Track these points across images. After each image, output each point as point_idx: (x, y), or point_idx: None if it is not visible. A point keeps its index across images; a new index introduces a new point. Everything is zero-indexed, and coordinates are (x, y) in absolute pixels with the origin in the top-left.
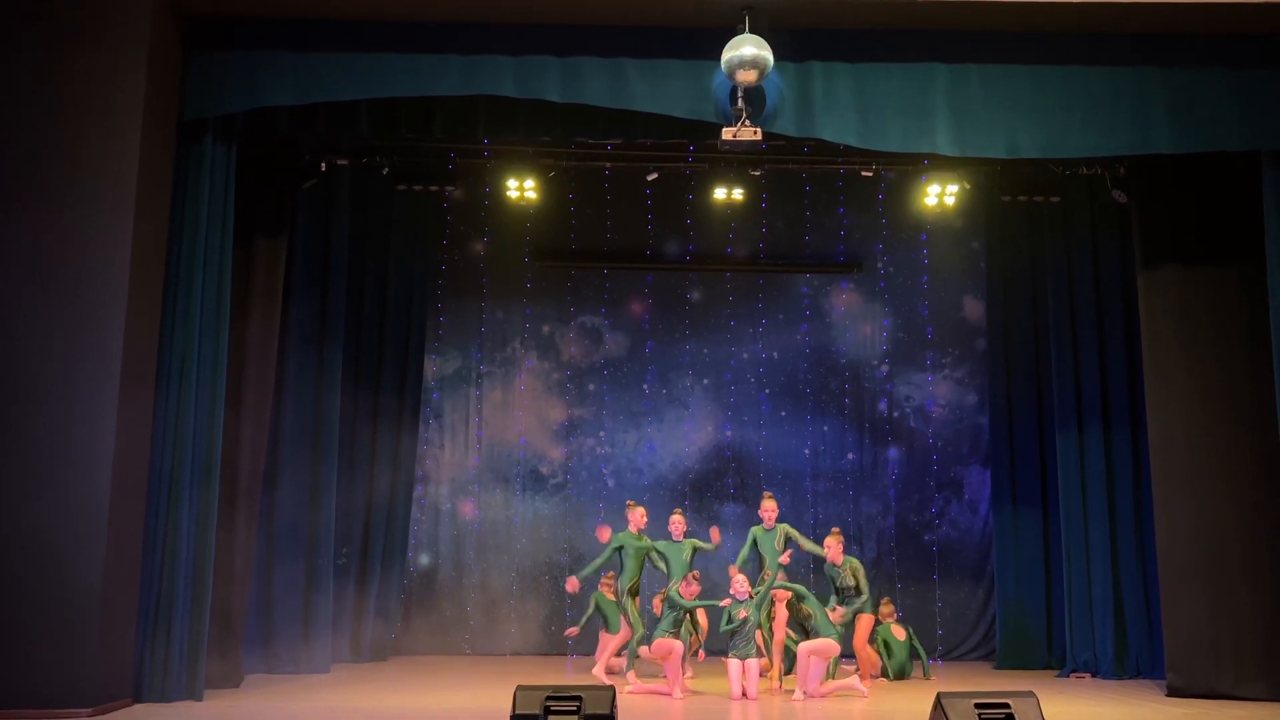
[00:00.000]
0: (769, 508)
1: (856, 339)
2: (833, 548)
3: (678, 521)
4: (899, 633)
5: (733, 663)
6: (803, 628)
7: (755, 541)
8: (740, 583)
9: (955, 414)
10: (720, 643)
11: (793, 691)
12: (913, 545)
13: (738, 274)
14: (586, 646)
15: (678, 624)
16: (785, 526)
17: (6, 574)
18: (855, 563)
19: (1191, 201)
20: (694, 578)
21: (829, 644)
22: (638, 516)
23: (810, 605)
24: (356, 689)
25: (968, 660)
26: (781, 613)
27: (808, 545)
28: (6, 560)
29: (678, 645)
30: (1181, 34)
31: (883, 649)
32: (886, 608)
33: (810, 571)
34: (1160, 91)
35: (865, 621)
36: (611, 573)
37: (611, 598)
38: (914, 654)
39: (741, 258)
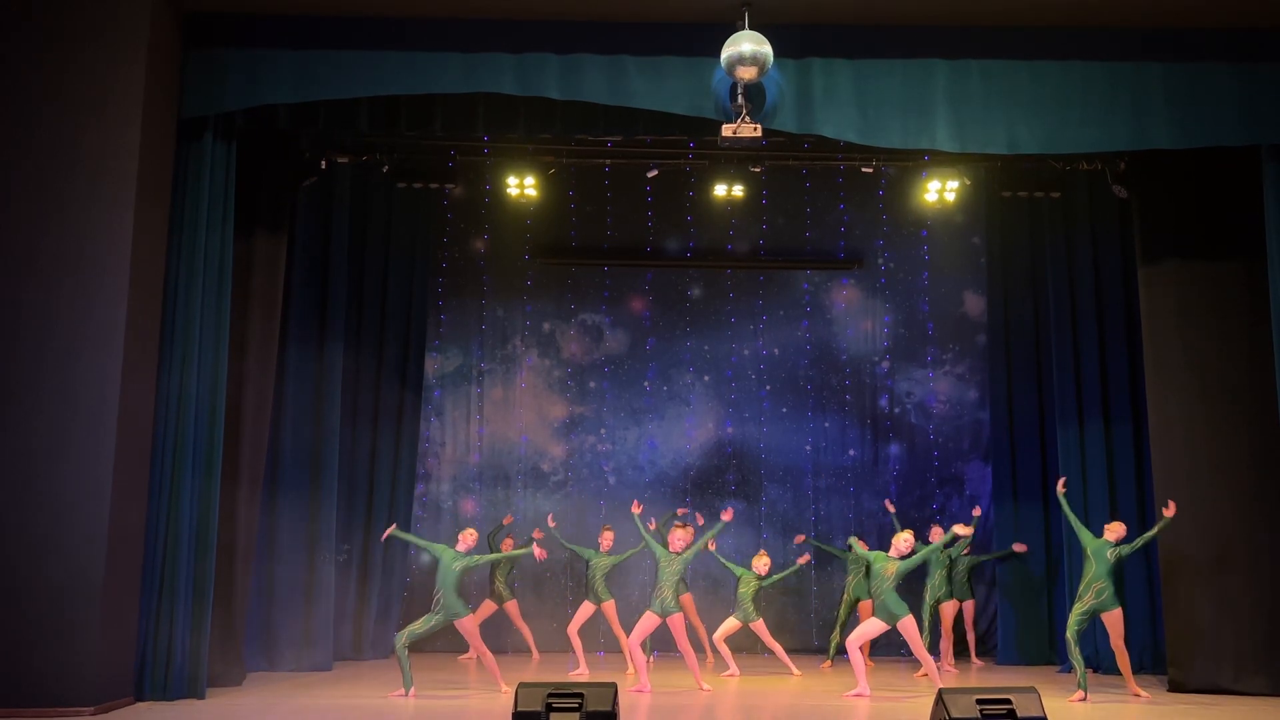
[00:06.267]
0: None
1: (857, 335)
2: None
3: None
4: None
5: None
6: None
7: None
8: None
9: (956, 410)
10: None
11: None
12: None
13: (738, 270)
14: (588, 644)
15: None
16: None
17: (7, 572)
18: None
19: (1192, 196)
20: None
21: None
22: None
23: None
24: (359, 686)
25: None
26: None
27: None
28: (8, 559)
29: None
30: (1181, 28)
31: None
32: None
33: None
34: (1160, 86)
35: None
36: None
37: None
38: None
39: (742, 254)
